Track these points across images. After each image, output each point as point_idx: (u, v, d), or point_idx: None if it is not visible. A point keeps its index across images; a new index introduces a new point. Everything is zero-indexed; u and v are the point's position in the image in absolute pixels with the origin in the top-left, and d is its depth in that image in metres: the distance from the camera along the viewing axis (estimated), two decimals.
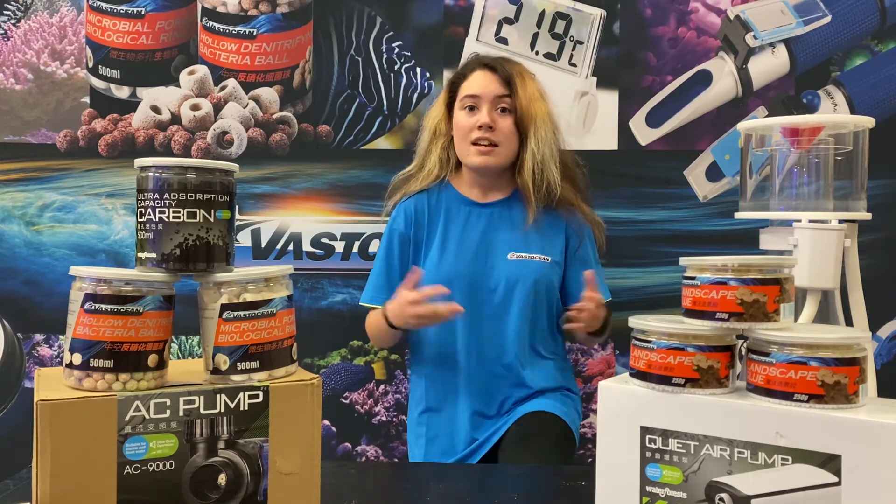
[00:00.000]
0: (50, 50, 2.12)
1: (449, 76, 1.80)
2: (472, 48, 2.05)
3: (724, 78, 2.05)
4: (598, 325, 1.59)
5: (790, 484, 0.81)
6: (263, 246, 2.11)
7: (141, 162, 0.90)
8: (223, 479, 0.86)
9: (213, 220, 0.89)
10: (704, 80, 2.06)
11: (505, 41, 2.07)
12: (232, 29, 2.09)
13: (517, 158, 1.67)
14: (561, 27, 2.07)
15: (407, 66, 2.09)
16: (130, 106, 2.11)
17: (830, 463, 0.80)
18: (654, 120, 2.07)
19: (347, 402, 2.11)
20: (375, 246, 2.06)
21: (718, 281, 0.88)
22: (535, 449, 1.55)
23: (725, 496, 0.84)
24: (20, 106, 2.13)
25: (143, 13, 2.09)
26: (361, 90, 2.10)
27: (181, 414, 0.84)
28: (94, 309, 0.84)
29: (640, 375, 0.91)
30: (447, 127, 1.72)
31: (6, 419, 2.12)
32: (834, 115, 1.99)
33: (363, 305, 1.73)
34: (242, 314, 0.88)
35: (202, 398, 0.85)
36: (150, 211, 0.88)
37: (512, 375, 1.65)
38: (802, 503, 0.81)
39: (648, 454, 0.90)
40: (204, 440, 0.85)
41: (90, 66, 2.11)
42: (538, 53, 2.07)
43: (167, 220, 0.88)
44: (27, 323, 2.13)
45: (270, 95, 2.10)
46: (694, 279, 0.90)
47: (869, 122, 1.31)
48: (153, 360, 0.86)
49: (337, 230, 2.11)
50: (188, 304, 0.97)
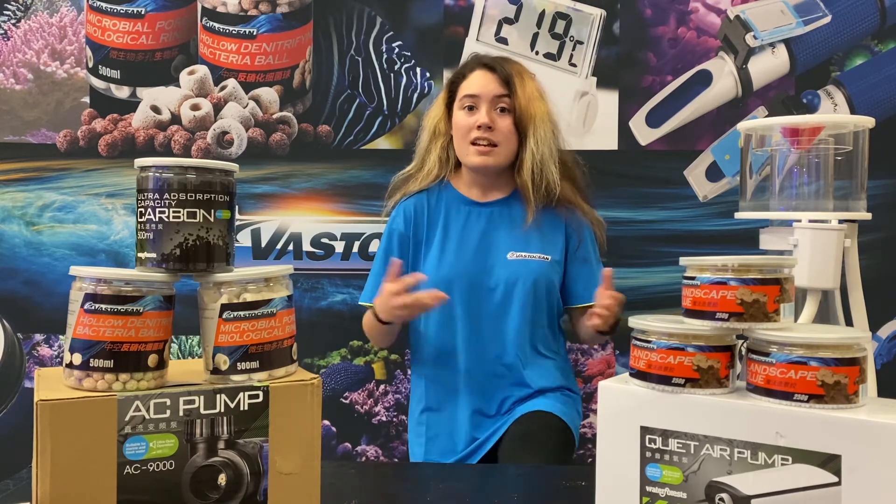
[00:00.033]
0: (50, 50, 2.12)
1: (449, 76, 1.79)
2: (472, 48, 2.05)
3: (724, 78, 2.05)
4: (613, 321, 1.59)
5: (790, 484, 0.81)
6: (263, 246, 2.11)
7: (141, 162, 0.90)
8: (223, 479, 0.86)
9: (213, 220, 0.89)
10: (704, 80, 2.06)
11: (505, 41, 2.07)
12: (232, 29, 2.09)
13: (516, 158, 1.67)
14: (561, 27, 2.07)
15: (407, 66, 2.09)
16: (130, 106, 2.11)
17: (830, 463, 0.80)
18: (654, 120, 2.07)
19: (347, 402, 2.11)
20: (375, 246, 2.06)
21: (718, 281, 0.88)
22: (534, 448, 1.55)
23: (725, 496, 0.84)
24: (20, 106, 2.13)
25: (143, 13, 2.09)
26: (361, 90, 2.10)
27: (181, 414, 0.84)
28: (94, 309, 0.84)
29: (640, 375, 0.91)
30: (447, 126, 1.72)
31: (6, 419, 2.12)
32: (834, 115, 1.99)
33: (362, 305, 1.73)
34: (242, 314, 0.88)
35: (202, 398, 0.85)
36: (150, 211, 0.88)
37: (512, 375, 1.65)
38: (802, 503, 0.81)
39: (648, 454, 0.90)
40: (204, 440, 0.85)
41: (90, 66, 2.11)
42: (538, 53, 2.07)
43: (167, 220, 0.88)
44: (27, 323, 2.13)
45: (270, 95, 2.10)
46: (694, 279, 0.90)
47: (869, 122, 1.31)
48: (153, 360, 0.86)
49: (337, 230, 2.11)
50: (188, 304, 0.97)
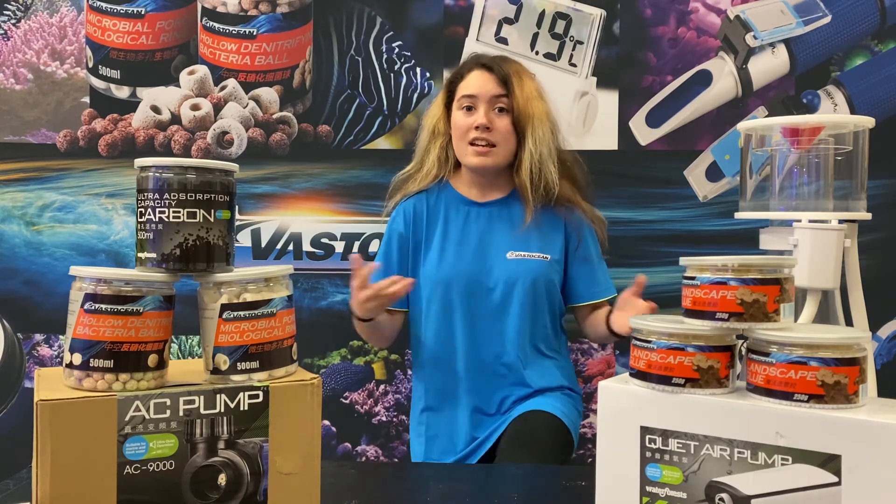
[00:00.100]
0: (50, 50, 2.12)
1: (448, 76, 1.79)
2: (472, 48, 2.05)
3: (724, 78, 2.05)
4: None
5: (790, 484, 0.81)
6: (263, 246, 2.11)
7: (141, 162, 0.90)
8: (223, 479, 0.86)
9: (213, 220, 0.89)
10: (704, 80, 2.06)
11: (505, 41, 2.07)
12: (232, 29, 2.09)
13: (515, 158, 1.67)
14: (561, 27, 2.07)
15: (407, 66, 2.09)
16: (130, 106, 2.11)
17: (830, 463, 0.80)
18: (654, 120, 2.07)
19: (347, 402, 2.11)
20: (375, 246, 2.06)
21: (718, 281, 0.88)
22: (531, 448, 1.54)
23: (725, 496, 0.84)
24: (20, 106, 2.13)
25: (143, 13, 2.09)
26: (361, 90, 2.10)
27: (181, 414, 0.84)
28: (94, 309, 0.84)
29: (640, 375, 0.91)
30: (446, 126, 1.72)
31: (6, 419, 2.12)
32: (834, 115, 1.99)
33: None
34: (242, 314, 0.88)
35: (202, 398, 0.85)
36: (150, 211, 0.88)
37: (512, 374, 1.65)
38: (802, 503, 0.81)
39: (648, 454, 0.90)
40: (204, 440, 0.85)
41: (90, 66, 2.11)
42: (538, 53, 2.07)
43: (167, 220, 0.88)
44: (27, 323, 2.13)
45: (270, 95, 2.10)
46: (694, 279, 0.90)
47: (869, 122, 1.31)
48: (153, 360, 0.86)
49: (337, 230, 2.11)
50: (188, 304, 0.97)
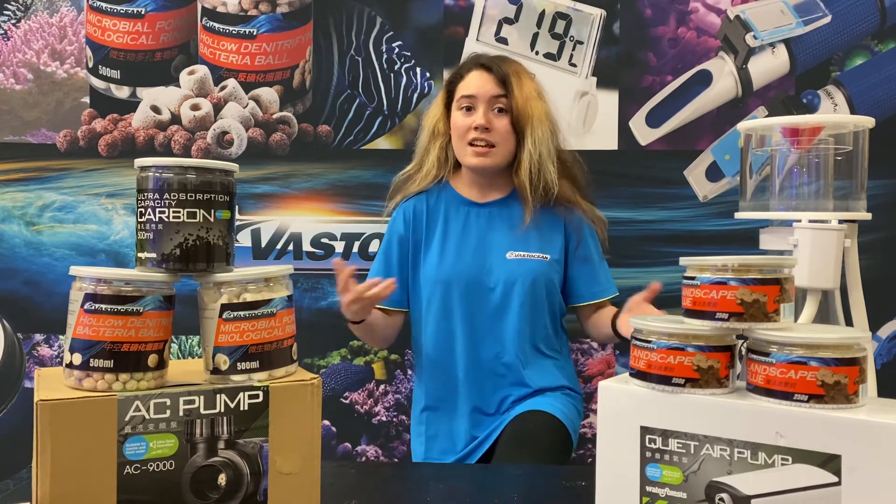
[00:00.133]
0: (50, 50, 2.12)
1: (448, 76, 1.79)
2: (472, 48, 2.05)
3: (724, 78, 2.05)
4: None
5: (790, 484, 0.81)
6: (263, 246, 2.11)
7: (141, 162, 0.90)
8: (223, 479, 0.86)
9: (213, 220, 0.89)
10: (704, 80, 2.06)
11: (505, 41, 2.07)
12: (232, 29, 2.09)
13: (515, 158, 1.67)
14: (561, 27, 2.07)
15: (407, 66, 2.09)
16: (130, 106, 2.11)
17: (830, 463, 0.80)
18: (654, 120, 2.07)
19: (347, 402, 2.11)
20: (375, 246, 2.06)
21: (718, 281, 0.88)
22: (529, 448, 1.54)
23: (725, 496, 0.84)
24: (20, 106, 2.13)
25: (143, 13, 2.09)
26: (361, 90, 2.10)
27: (181, 414, 0.84)
28: (94, 309, 0.84)
29: (640, 375, 0.91)
30: (445, 127, 1.72)
31: (6, 419, 2.12)
32: (834, 115, 1.99)
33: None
34: (242, 314, 0.88)
35: (202, 398, 0.85)
36: (150, 211, 0.88)
37: (512, 374, 1.65)
38: (802, 503, 0.81)
39: (648, 454, 0.90)
40: (204, 440, 0.85)
41: (90, 66, 2.11)
42: (538, 53, 2.07)
43: (167, 220, 0.88)
44: (27, 323, 2.13)
45: (270, 95, 2.10)
46: (694, 279, 0.90)
47: (869, 122, 1.31)
48: (153, 360, 0.86)
49: (337, 230, 2.11)
50: (188, 304, 0.97)
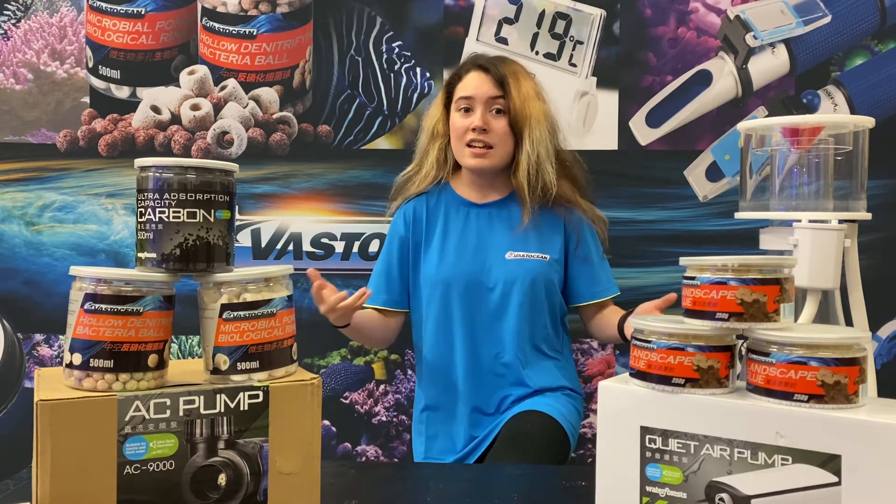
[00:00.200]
0: (50, 50, 2.12)
1: (448, 77, 1.79)
2: (472, 48, 2.05)
3: (724, 78, 2.05)
4: None
5: (790, 484, 0.81)
6: (263, 246, 2.11)
7: (141, 162, 0.90)
8: (223, 479, 0.86)
9: (213, 220, 0.90)
10: (704, 80, 2.06)
11: (505, 41, 2.07)
12: (232, 29, 2.09)
13: (513, 159, 1.67)
14: (561, 27, 2.07)
15: (407, 66, 2.09)
16: (130, 106, 2.11)
17: (830, 463, 0.80)
18: (654, 120, 2.07)
19: (347, 402, 2.11)
20: (375, 246, 2.06)
21: (718, 281, 0.88)
22: (525, 448, 1.54)
23: (725, 496, 0.84)
24: (20, 106, 2.13)
25: (143, 13, 2.09)
26: (361, 90, 2.10)
27: (181, 414, 0.84)
28: (94, 309, 0.84)
29: (640, 375, 0.91)
30: (445, 128, 1.72)
31: (6, 419, 2.12)
32: (834, 115, 1.99)
33: (362, 307, 1.73)
34: (242, 314, 0.88)
35: (202, 398, 0.85)
36: (150, 211, 0.88)
37: (511, 374, 1.65)
38: (802, 503, 0.81)
39: (648, 454, 0.90)
40: (204, 440, 0.85)
41: (90, 66, 2.11)
42: (538, 53, 2.07)
43: (167, 220, 0.88)
44: (27, 323, 2.13)
45: (270, 95, 2.10)
46: (694, 279, 0.90)
47: (869, 122, 1.31)
48: (153, 360, 0.86)
49: (337, 230, 2.11)
50: (188, 304, 0.97)
